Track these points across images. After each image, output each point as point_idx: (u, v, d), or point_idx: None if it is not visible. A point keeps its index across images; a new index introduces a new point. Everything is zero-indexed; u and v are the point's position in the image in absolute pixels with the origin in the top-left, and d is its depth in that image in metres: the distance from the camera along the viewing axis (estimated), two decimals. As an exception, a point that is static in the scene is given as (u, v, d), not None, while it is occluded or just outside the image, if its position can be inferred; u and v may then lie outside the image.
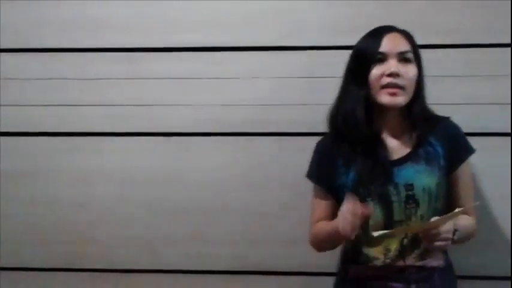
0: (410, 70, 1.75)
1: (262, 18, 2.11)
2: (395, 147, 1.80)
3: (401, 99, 1.74)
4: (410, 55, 1.76)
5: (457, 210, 1.66)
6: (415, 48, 1.80)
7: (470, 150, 1.85)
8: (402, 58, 1.75)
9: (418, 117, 1.79)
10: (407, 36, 1.80)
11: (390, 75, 1.72)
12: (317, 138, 1.91)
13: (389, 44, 1.75)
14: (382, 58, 1.74)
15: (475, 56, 2.04)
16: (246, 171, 2.14)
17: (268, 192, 2.13)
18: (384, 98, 1.74)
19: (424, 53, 2.00)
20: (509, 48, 2.04)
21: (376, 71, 1.74)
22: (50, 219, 2.21)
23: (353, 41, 1.86)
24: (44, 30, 2.18)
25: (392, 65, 1.73)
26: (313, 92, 2.10)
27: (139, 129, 2.16)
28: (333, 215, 1.82)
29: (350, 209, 1.63)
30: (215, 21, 2.13)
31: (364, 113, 1.76)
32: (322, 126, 1.87)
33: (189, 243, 2.17)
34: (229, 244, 2.16)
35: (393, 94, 1.73)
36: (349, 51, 1.83)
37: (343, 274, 1.88)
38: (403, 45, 1.76)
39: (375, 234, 1.65)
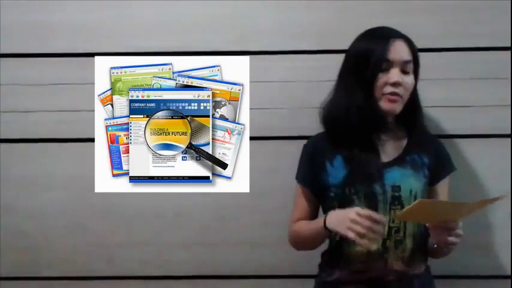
0: (410, 80, 1.79)
1: (215, 23, 2.10)
2: (385, 150, 1.82)
3: (398, 107, 1.79)
4: (411, 66, 1.79)
5: (494, 197, 1.69)
6: (416, 57, 1.82)
7: (452, 168, 1.91)
8: (405, 68, 1.77)
9: (414, 127, 1.84)
10: (410, 43, 1.81)
11: (393, 84, 1.76)
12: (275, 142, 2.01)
13: (396, 51, 1.77)
14: (388, 66, 1.76)
15: (476, 59, 2.07)
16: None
17: (228, 195, 2.08)
18: (385, 104, 1.77)
19: (424, 57, 2.04)
20: (509, 52, 2.06)
21: (381, 79, 1.76)
22: (2, 227, 2.15)
23: (307, 45, 1.89)
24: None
25: (395, 74, 1.76)
26: (269, 96, 2.10)
27: (92, 135, 2.09)
28: (314, 216, 1.88)
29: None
30: (167, 25, 2.11)
31: (376, 115, 1.78)
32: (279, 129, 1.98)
33: (146, 249, 2.15)
34: (187, 249, 2.14)
35: (393, 101, 1.77)
36: (303, 56, 1.87)
37: (323, 277, 1.87)
38: (407, 55, 1.79)
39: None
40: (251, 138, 2.06)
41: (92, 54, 2.10)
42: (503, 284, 2.09)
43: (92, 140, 2.08)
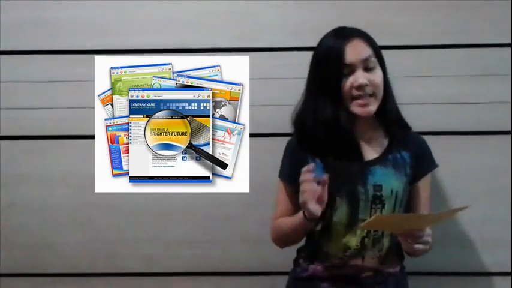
0: (377, 76, 1.76)
1: (220, 20, 2.09)
2: (366, 149, 1.82)
3: (372, 108, 1.76)
4: (374, 60, 1.76)
5: (457, 207, 1.71)
6: (377, 50, 1.79)
7: (434, 165, 1.90)
8: (367, 65, 1.75)
9: (392, 122, 1.82)
10: (368, 39, 1.78)
11: (358, 87, 1.74)
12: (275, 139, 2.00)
13: (352, 53, 1.73)
14: (349, 70, 1.74)
15: (476, 56, 2.06)
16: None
17: (229, 192, 2.08)
18: (356, 109, 1.76)
19: (424, 53, 2.04)
20: (509, 48, 2.06)
21: (345, 84, 1.74)
22: (8, 224, 2.15)
23: (311, 42, 1.87)
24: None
25: (359, 76, 1.73)
26: (273, 93, 2.10)
27: (92, 132, 2.08)
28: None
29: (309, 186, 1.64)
30: (170, 22, 2.10)
31: (347, 121, 1.77)
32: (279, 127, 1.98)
33: (149, 246, 2.15)
34: (190, 245, 2.14)
35: (364, 105, 1.75)
36: (308, 53, 1.84)
37: (298, 272, 1.89)
38: (366, 51, 1.75)
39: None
40: (251, 135, 2.06)
41: (92, 52, 2.10)
42: (503, 281, 2.09)
43: (93, 137, 2.08)
